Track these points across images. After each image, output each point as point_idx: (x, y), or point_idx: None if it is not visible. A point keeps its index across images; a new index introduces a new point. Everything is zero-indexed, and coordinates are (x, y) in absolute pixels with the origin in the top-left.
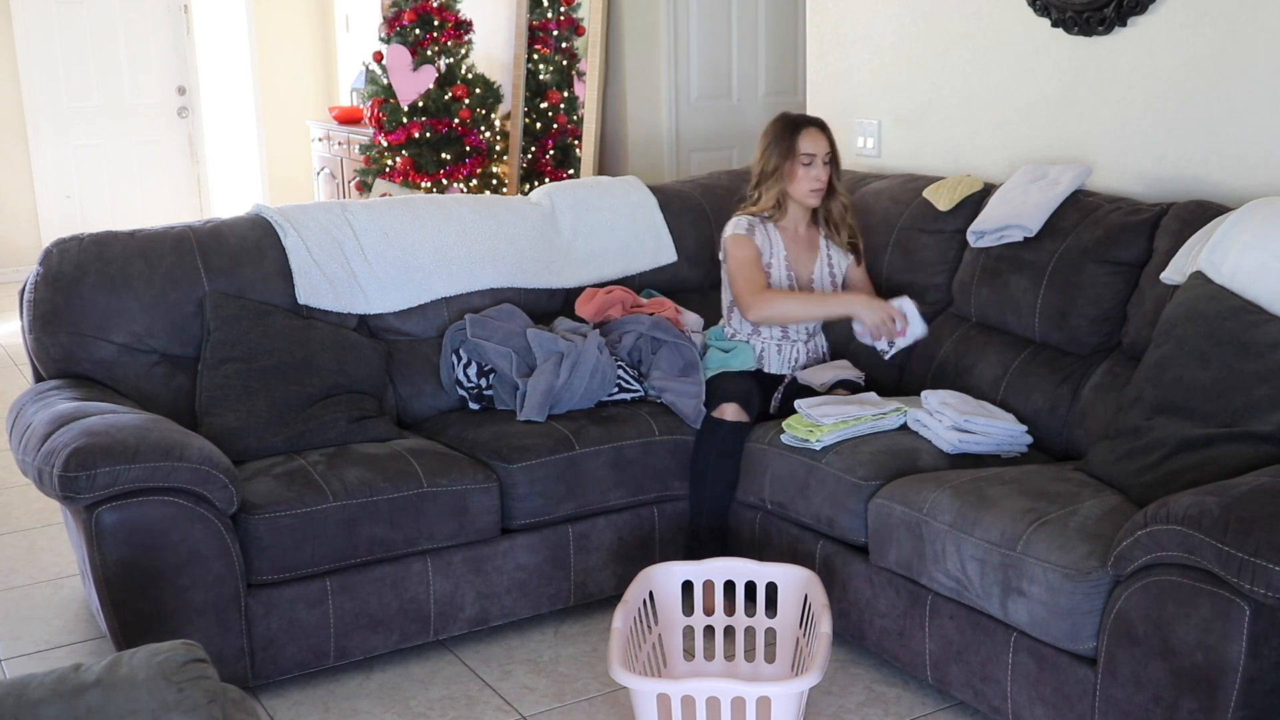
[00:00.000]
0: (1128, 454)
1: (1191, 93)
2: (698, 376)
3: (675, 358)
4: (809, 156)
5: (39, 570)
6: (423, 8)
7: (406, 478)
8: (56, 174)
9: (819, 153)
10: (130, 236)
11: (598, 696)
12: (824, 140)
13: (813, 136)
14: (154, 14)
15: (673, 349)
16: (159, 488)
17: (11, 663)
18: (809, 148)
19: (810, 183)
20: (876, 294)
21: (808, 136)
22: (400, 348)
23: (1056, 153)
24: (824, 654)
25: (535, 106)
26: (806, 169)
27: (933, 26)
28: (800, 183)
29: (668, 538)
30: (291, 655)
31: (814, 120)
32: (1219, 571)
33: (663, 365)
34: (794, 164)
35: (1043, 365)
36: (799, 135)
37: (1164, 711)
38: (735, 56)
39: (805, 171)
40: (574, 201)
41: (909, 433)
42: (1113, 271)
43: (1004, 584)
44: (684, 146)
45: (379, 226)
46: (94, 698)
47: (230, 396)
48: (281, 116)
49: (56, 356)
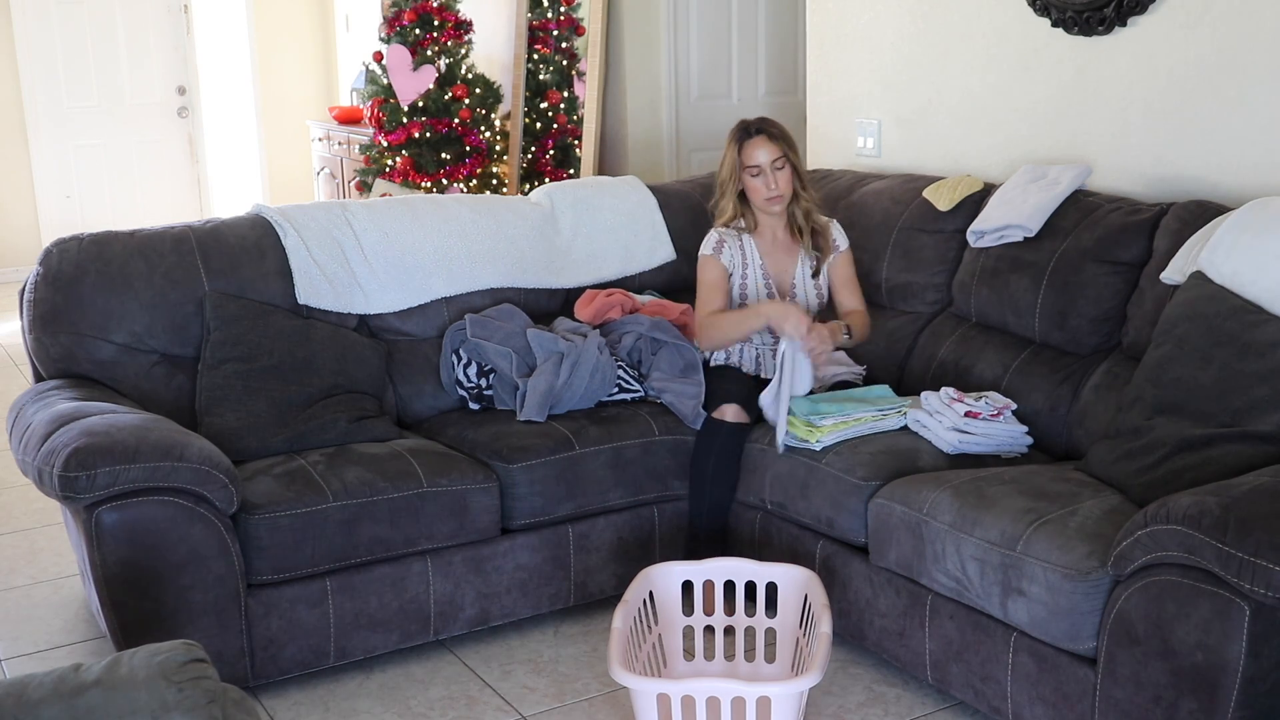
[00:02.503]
0: (1128, 454)
1: (1191, 92)
2: (697, 378)
3: (675, 358)
4: (755, 168)
5: (39, 570)
6: (423, 8)
7: (406, 478)
8: (56, 174)
9: (765, 162)
10: (130, 236)
11: (598, 696)
12: (771, 147)
13: (757, 146)
14: (154, 14)
15: (673, 350)
16: (159, 488)
17: (11, 663)
18: (753, 159)
19: (763, 192)
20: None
21: (751, 147)
22: (400, 348)
23: (1056, 153)
24: (824, 654)
25: (535, 106)
26: (755, 179)
27: (933, 26)
28: (753, 195)
29: (668, 538)
30: (291, 655)
31: (762, 128)
32: (1219, 571)
33: (663, 366)
34: (743, 174)
35: (1043, 365)
36: (743, 146)
37: (1164, 711)
38: (735, 56)
39: (754, 182)
40: (574, 201)
41: (909, 433)
42: (1113, 271)
43: (1004, 584)
44: (684, 146)
45: (379, 226)
46: (94, 698)
47: (230, 396)
48: (281, 116)
49: (56, 356)
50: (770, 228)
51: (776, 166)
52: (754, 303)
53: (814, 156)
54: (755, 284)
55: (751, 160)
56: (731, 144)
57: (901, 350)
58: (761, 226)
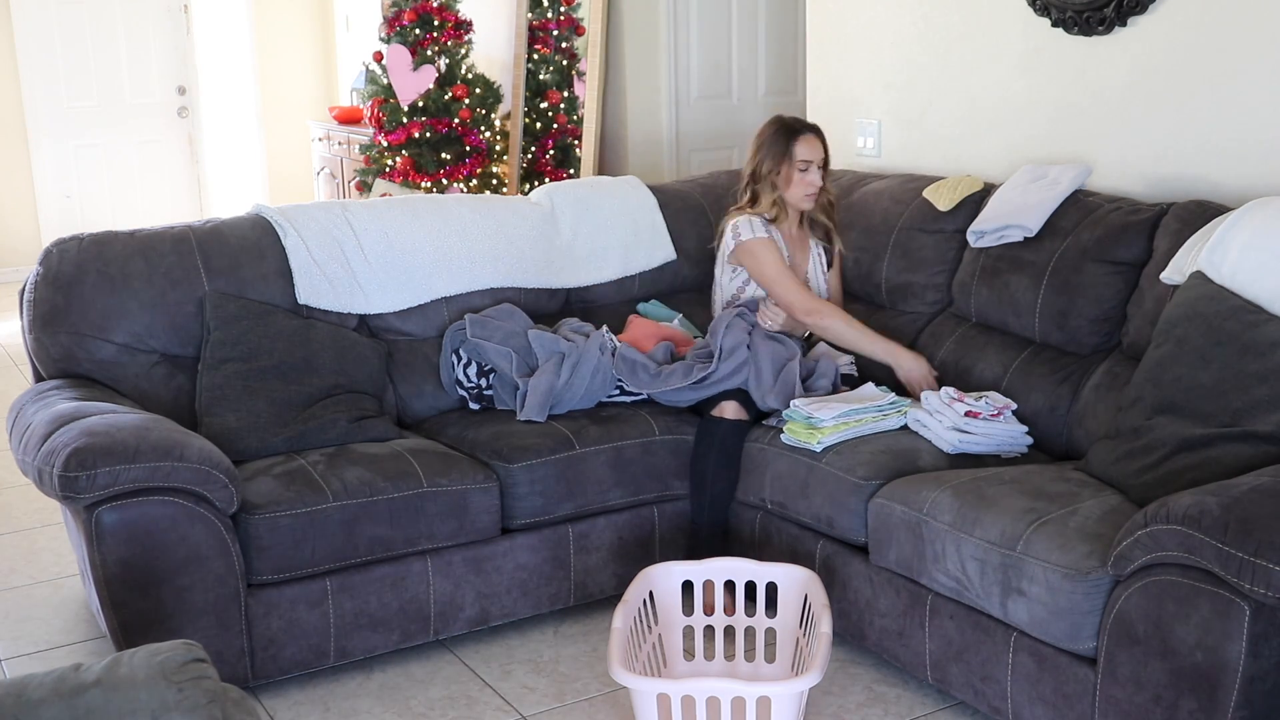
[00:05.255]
0: (1128, 454)
1: (1191, 93)
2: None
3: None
4: (805, 163)
5: (39, 570)
6: (423, 8)
7: (406, 478)
8: (56, 174)
9: (815, 159)
10: (130, 236)
11: (598, 696)
12: (820, 146)
13: (809, 143)
14: (154, 14)
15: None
16: (159, 488)
17: (11, 663)
18: (806, 154)
19: (806, 188)
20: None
21: (805, 143)
22: (400, 348)
23: (1056, 153)
24: (824, 654)
25: (535, 106)
26: (803, 174)
27: (933, 26)
28: (795, 188)
29: (668, 538)
30: (291, 655)
31: (811, 126)
32: (1219, 571)
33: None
34: (790, 169)
35: (1043, 365)
36: (796, 141)
37: (1164, 711)
38: (735, 56)
39: (801, 177)
40: (574, 201)
41: (909, 433)
42: (1113, 271)
43: (1004, 584)
44: (684, 146)
45: (379, 226)
46: (94, 698)
47: (230, 396)
48: (281, 116)
49: (56, 356)
50: (790, 223)
51: (820, 165)
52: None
53: None
54: None
55: (804, 155)
56: (779, 138)
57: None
58: (786, 221)
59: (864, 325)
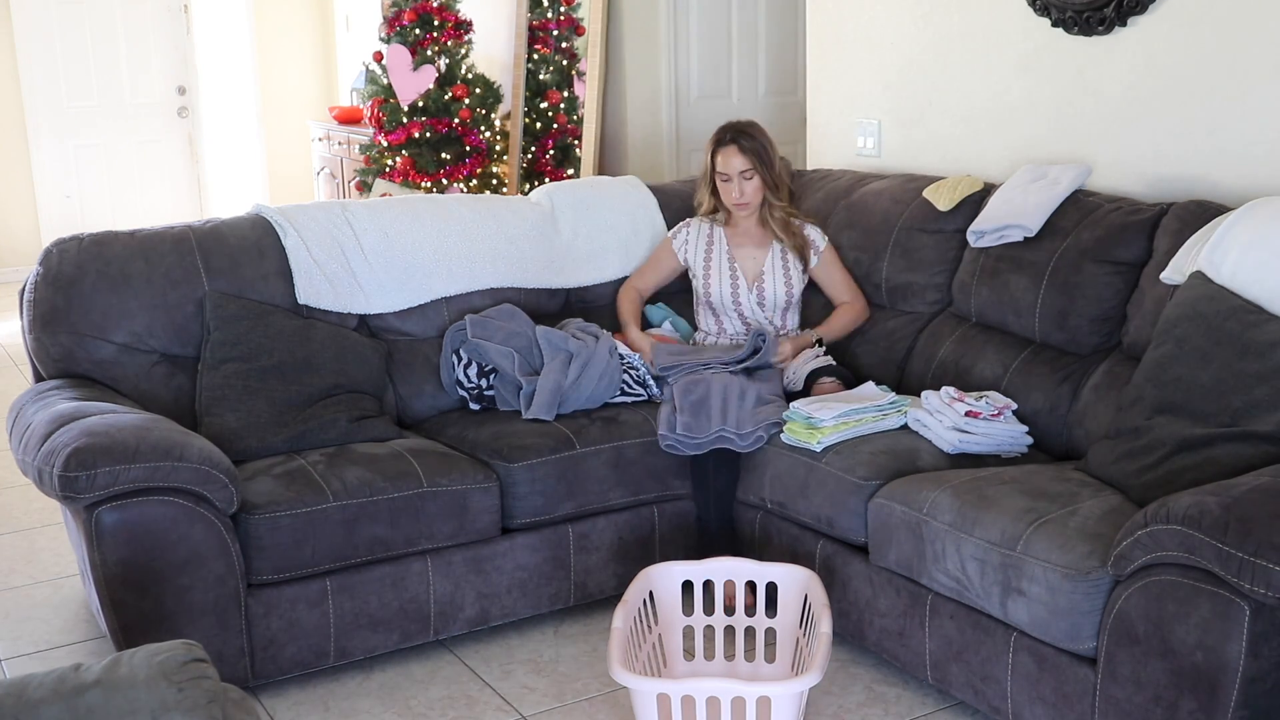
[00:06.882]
0: (1128, 454)
1: (1192, 92)
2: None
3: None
4: (724, 175)
5: (39, 570)
6: (423, 8)
7: (406, 478)
8: (56, 174)
9: (733, 172)
10: (130, 236)
11: (598, 696)
12: (740, 159)
13: (729, 155)
14: (154, 14)
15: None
16: (159, 488)
17: (11, 663)
18: (721, 166)
19: (731, 197)
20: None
21: (723, 155)
22: (400, 348)
23: (1056, 153)
24: (824, 654)
25: (535, 106)
26: (725, 184)
27: (933, 26)
28: (724, 196)
29: (668, 537)
30: (291, 655)
31: (735, 137)
32: (1219, 571)
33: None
34: (715, 177)
35: (1043, 365)
36: (716, 152)
37: (1164, 711)
38: (735, 56)
39: (724, 186)
40: (574, 201)
41: (909, 433)
42: (1113, 271)
43: (1004, 584)
44: (684, 146)
45: (379, 226)
46: (94, 698)
47: (230, 396)
48: (281, 116)
49: (56, 356)
50: (749, 219)
51: (745, 176)
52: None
53: (814, 156)
54: (720, 271)
55: (721, 167)
56: (708, 146)
57: (901, 350)
58: (734, 219)
59: (630, 316)
